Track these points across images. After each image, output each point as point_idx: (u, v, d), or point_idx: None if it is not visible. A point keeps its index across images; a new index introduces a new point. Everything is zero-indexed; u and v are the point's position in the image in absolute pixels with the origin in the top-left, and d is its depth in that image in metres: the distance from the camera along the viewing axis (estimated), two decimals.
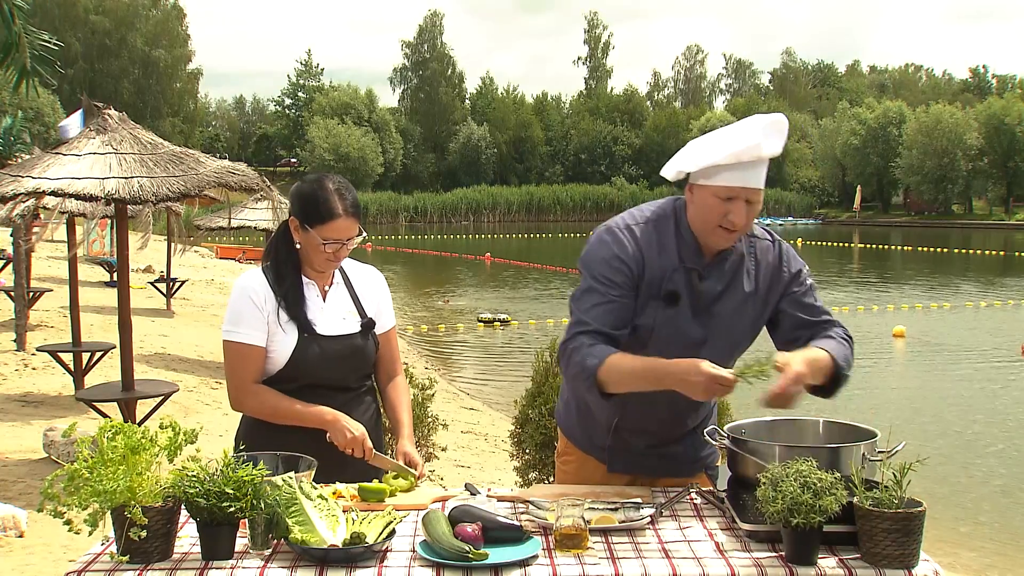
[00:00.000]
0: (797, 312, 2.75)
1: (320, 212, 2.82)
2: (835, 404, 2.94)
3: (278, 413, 2.84)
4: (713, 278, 2.68)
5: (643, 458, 2.89)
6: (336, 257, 2.88)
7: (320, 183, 2.87)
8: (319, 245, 2.83)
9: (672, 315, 2.65)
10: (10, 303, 12.24)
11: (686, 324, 2.66)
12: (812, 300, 2.78)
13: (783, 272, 2.77)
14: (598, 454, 2.93)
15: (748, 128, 2.59)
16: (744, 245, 2.74)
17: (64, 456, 6.46)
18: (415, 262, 36.45)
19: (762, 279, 2.74)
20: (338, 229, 2.83)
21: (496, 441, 9.09)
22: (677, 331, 2.65)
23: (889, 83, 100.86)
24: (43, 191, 6.12)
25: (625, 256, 2.63)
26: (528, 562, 2.13)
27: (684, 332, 2.66)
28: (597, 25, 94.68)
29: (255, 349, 2.83)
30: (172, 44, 74.79)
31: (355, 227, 2.87)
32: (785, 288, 2.76)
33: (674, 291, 2.64)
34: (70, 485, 2.08)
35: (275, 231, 3.03)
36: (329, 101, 79.82)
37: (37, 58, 6.19)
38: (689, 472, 2.93)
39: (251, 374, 2.84)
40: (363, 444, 2.81)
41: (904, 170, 66.96)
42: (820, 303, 2.80)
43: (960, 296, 23.65)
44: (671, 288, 2.64)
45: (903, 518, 2.09)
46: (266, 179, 7.13)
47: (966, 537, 7.37)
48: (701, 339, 2.67)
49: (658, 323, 2.65)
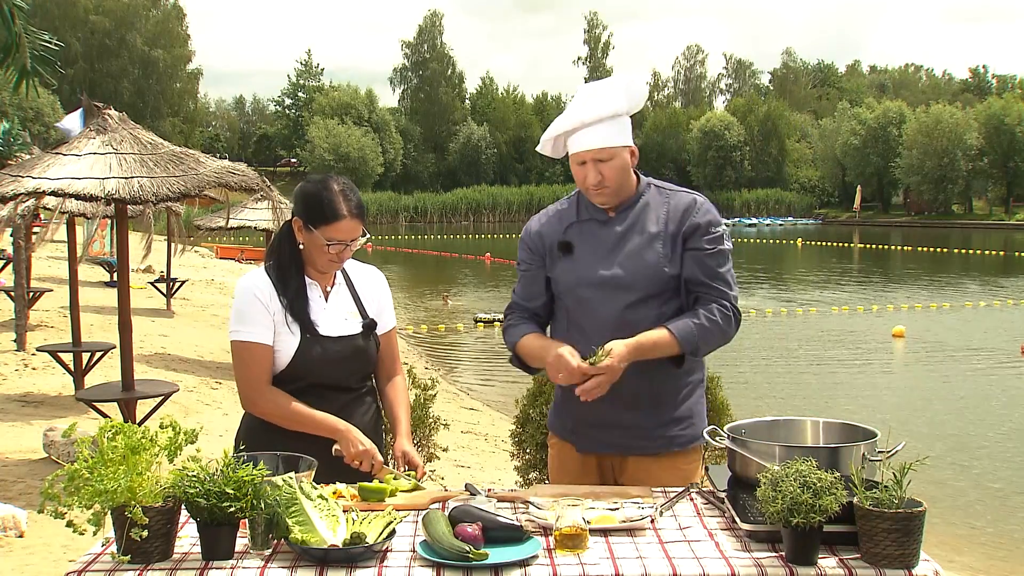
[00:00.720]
0: (695, 269, 2.87)
1: (325, 213, 2.82)
2: (835, 404, 2.95)
3: (291, 418, 2.83)
4: (616, 223, 2.91)
5: (605, 433, 2.92)
6: (339, 258, 2.87)
7: (325, 184, 2.87)
8: (323, 246, 2.83)
9: (571, 263, 2.92)
10: (10, 303, 12.25)
11: (586, 269, 2.89)
12: (715, 264, 2.88)
13: (692, 216, 2.89)
14: (571, 438, 3.02)
15: (575, 97, 2.92)
16: (656, 194, 2.95)
17: (64, 456, 6.46)
18: (415, 262, 36.46)
19: (670, 221, 2.89)
20: (342, 230, 2.83)
21: (496, 441, 9.09)
22: (578, 276, 2.90)
23: (889, 83, 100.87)
24: (43, 191, 6.12)
25: (530, 233, 3.04)
26: (528, 562, 2.13)
27: (584, 276, 2.89)
28: (597, 25, 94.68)
29: (264, 348, 2.83)
30: (172, 44, 74.77)
31: (359, 228, 2.87)
32: (691, 234, 2.87)
33: (566, 242, 2.94)
34: (70, 485, 2.08)
35: (278, 231, 3.02)
36: (329, 101, 79.83)
37: (37, 58, 6.18)
38: (655, 450, 2.91)
39: (263, 374, 2.83)
40: (373, 457, 2.79)
41: (904, 170, 66.94)
42: (724, 270, 2.90)
43: (960, 296, 23.65)
44: (564, 240, 2.95)
45: (903, 518, 2.09)
46: (266, 179, 7.13)
47: (966, 537, 7.37)
48: (604, 277, 2.86)
49: (560, 273, 2.94)
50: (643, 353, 2.75)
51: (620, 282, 2.84)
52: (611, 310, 2.85)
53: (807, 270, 33.99)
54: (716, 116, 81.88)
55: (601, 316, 2.86)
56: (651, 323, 2.82)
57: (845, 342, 16.98)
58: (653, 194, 2.95)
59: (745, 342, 16.23)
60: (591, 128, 2.82)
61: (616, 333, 2.78)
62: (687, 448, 2.96)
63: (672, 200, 2.93)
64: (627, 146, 2.87)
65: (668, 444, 2.93)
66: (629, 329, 2.80)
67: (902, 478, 2.14)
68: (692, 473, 2.99)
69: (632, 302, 2.84)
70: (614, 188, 2.86)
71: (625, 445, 2.93)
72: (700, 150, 79.59)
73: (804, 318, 19.90)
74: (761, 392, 12.53)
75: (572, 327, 2.93)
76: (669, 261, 2.85)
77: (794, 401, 12.00)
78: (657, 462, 2.92)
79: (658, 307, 2.85)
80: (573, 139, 2.85)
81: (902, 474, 2.14)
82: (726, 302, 2.87)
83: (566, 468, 3.04)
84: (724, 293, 2.88)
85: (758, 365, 14.60)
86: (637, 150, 2.91)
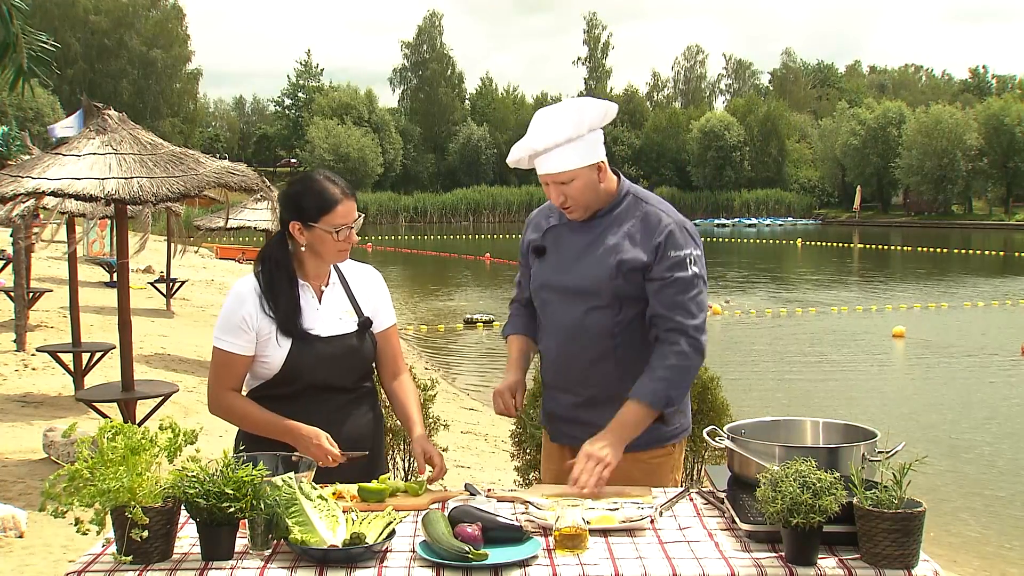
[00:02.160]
0: (653, 299, 2.86)
1: (323, 202, 2.82)
2: (835, 404, 2.96)
3: (245, 421, 2.87)
4: (585, 231, 2.96)
5: (574, 425, 2.96)
6: (349, 241, 2.87)
7: (310, 178, 2.88)
8: (331, 234, 2.82)
9: (541, 266, 3.04)
10: (10, 303, 12.24)
11: (551, 273, 3.00)
12: (673, 292, 2.83)
13: (654, 237, 2.86)
14: (547, 427, 3.14)
15: (531, 125, 2.90)
16: (633, 204, 2.95)
17: (64, 456, 6.46)
18: (415, 262, 36.46)
19: (630, 238, 2.89)
20: (342, 213, 2.84)
21: (496, 441, 9.09)
22: (545, 280, 3.01)
23: (889, 83, 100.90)
24: (43, 191, 6.12)
25: (524, 232, 3.17)
26: (528, 562, 2.13)
27: (549, 280, 2.99)
28: (596, 26, 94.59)
29: (238, 358, 2.84)
30: (171, 44, 74.75)
31: (355, 207, 2.90)
32: (653, 260, 2.84)
33: (540, 246, 3.05)
34: (71, 485, 2.09)
35: (268, 242, 3.00)
36: (329, 101, 79.82)
37: (34, 59, 6.19)
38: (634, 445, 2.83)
39: (230, 380, 2.86)
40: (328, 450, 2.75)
41: (904, 170, 66.97)
42: (685, 297, 2.82)
43: (960, 296, 23.64)
44: (538, 243, 3.06)
45: (903, 518, 2.09)
46: (266, 179, 7.14)
47: (966, 537, 7.37)
48: (561, 283, 2.95)
49: (533, 274, 3.08)
50: (628, 437, 2.75)
51: (572, 289, 2.92)
52: (569, 316, 2.93)
53: (807, 270, 33.99)
54: (716, 116, 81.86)
55: (559, 321, 2.96)
56: (606, 330, 2.89)
57: (845, 342, 16.97)
58: (629, 204, 2.95)
59: (745, 342, 16.25)
60: (547, 154, 2.85)
61: (574, 338, 2.90)
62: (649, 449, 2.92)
63: (643, 214, 2.92)
64: (590, 164, 2.85)
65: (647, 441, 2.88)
66: (584, 335, 2.89)
67: (902, 478, 2.14)
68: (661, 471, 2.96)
69: (587, 309, 2.90)
70: (581, 205, 2.90)
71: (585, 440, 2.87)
72: (700, 150, 79.57)
73: (804, 318, 19.90)
74: (761, 392, 12.53)
75: (543, 328, 3.07)
76: (624, 271, 2.85)
77: (794, 401, 12.00)
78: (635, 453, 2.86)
79: (614, 315, 2.88)
80: (536, 161, 2.88)
81: (902, 474, 2.14)
82: (682, 337, 2.81)
83: (548, 455, 3.19)
84: (681, 325, 2.81)
85: (758, 365, 14.60)
86: (606, 164, 2.90)
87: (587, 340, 2.90)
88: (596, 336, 2.89)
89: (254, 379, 2.91)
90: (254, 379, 2.91)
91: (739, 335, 17.81)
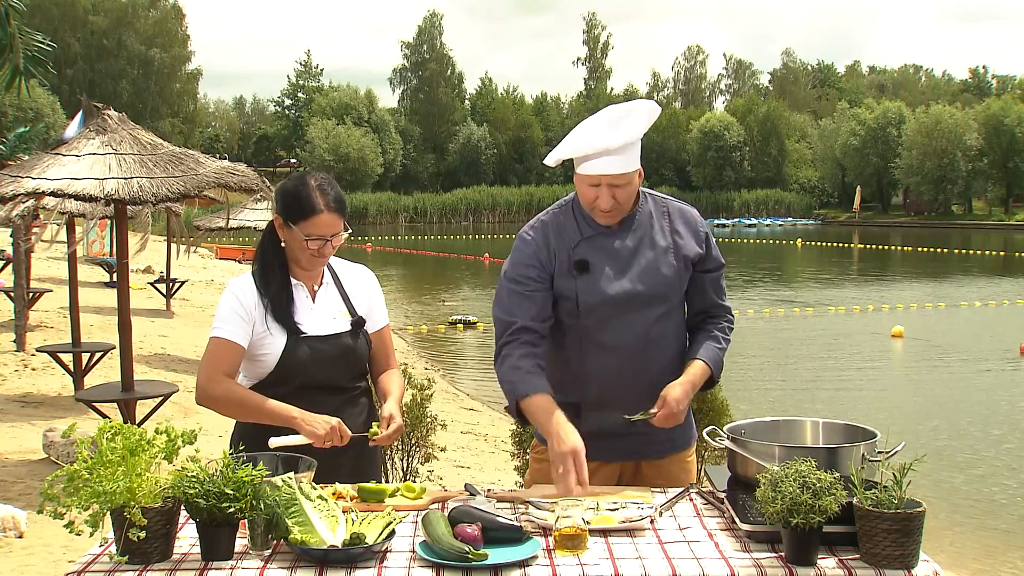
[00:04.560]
0: (709, 290, 2.94)
1: (303, 208, 2.82)
2: (835, 404, 2.98)
3: (243, 406, 2.81)
4: (622, 237, 2.84)
5: (625, 439, 2.86)
6: (321, 254, 2.86)
7: (303, 180, 2.87)
8: (302, 241, 2.83)
9: (591, 280, 2.80)
10: (10, 303, 12.24)
11: (607, 284, 2.79)
12: (722, 283, 2.98)
13: (700, 229, 2.93)
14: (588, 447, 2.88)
15: (596, 121, 2.78)
16: (652, 203, 2.92)
17: (64, 457, 6.46)
18: (414, 263, 36.44)
19: (675, 233, 2.89)
20: (320, 225, 2.82)
21: (496, 441, 9.09)
22: (601, 294, 2.79)
23: (888, 83, 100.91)
24: (43, 191, 6.12)
25: (535, 251, 2.84)
26: (528, 562, 2.13)
27: (606, 292, 2.79)
28: (596, 26, 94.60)
29: (234, 346, 2.82)
30: (171, 44, 74.66)
31: (339, 223, 2.86)
32: (704, 254, 2.90)
33: (582, 259, 2.81)
34: (70, 486, 2.08)
35: (263, 232, 3.02)
36: (329, 102, 79.78)
37: (31, 59, 6.20)
38: (659, 453, 2.89)
39: (224, 366, 2.81)
40: (338, 431, 2.75)
41: (904, 170, 66.94)
42: (724, 284, 3.00)
43: (959, 296, 23.64)
44: (578, 258, 2.81)
45: (903, 518, 2.09)
46: (265, 179, 7.14)
47: (966, 537, 7.36)
48: (628, 294, 2.79)
49: (580, 291, 2.80)
50: (695, 390, 2.83)
51: (643, 297, 2.80)
52: (639, 327, 2.80)
53: (807, 270, 33.98)
54: (716, 116, 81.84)
55: (624, 335, 2.79)
56: (672, 336, 2.87)
57: (844, 342, 16.98)
58: (650, 203, 2.92)
59: (745, 342, 16.23)
60: (614, 155, 2.72)
61: (644, 349, 2.80)
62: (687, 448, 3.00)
63: (669, 210, 2.92)
64: (639, 169, 2.82)
65: (672, 446, 2.94)
66: (656, 344, 2.82)
67: (901, 478, 2.14)
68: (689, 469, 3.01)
69: (658, 316, 2.83)
70: (626, 208, 2.83)
71: (633, 451, 2.90)
72: (700, 150, 79.54)
73: (803, 318, 19.90)
74: (761, 392, 12.52)
75: (591, 347, 2.82)
76: (682, 274, 2.87)
77: (793, 401, 12.01)
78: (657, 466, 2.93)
79: (677, 320, 2.90)
80: (592, 162, 2.73)
81: (902, 474, 2.14)
82: (730, 316, 3.01)
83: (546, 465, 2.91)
84: (727, 308, 3.00)
85: (758, 365, 14.60)
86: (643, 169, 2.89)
87: (659, 348, 2.82)
88: (670, 342, 2.86)
89: (249, 379, 2.91)
90: (249, 379, 2.91)
91: (739, 335, 17.60)
